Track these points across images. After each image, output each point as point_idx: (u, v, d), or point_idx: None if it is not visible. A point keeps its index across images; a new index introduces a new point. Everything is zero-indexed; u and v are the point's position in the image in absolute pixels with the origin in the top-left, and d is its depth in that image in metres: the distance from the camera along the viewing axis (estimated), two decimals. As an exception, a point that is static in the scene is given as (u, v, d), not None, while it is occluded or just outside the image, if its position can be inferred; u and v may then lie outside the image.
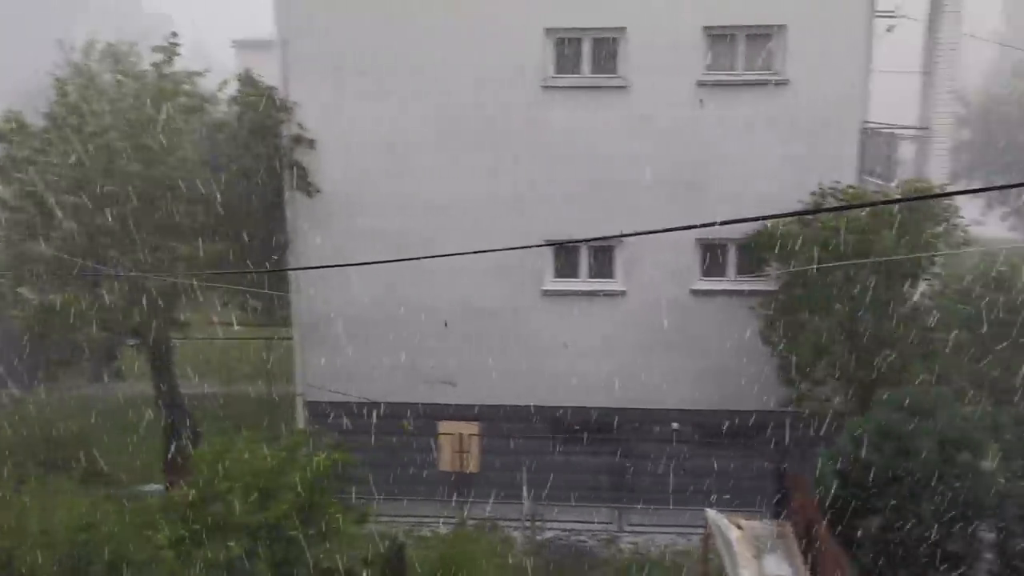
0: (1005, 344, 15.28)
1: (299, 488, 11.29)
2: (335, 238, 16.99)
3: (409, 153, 16.79)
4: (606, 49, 16.38)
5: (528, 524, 16.82)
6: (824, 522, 11.89)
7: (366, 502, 13.77)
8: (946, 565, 11.56)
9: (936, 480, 11.53)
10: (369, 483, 15.43)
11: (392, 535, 14.38)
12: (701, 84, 16.08)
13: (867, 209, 13.91)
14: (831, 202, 14.69)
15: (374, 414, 17.29)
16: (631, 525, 17.36)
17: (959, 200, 15.35)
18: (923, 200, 14.07)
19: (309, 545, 11.20)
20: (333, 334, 17.42)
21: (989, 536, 12.15)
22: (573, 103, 16.48)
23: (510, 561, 14.63)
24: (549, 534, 16.99)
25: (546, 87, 16.43)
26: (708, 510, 13.74)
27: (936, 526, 11.41)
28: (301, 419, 18.01)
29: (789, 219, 14.94)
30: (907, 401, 12.23)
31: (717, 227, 8.42)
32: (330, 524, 11.60)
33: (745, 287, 16.63)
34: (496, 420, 17.64)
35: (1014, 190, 34.99)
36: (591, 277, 17.26)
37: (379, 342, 17.39)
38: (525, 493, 17.08)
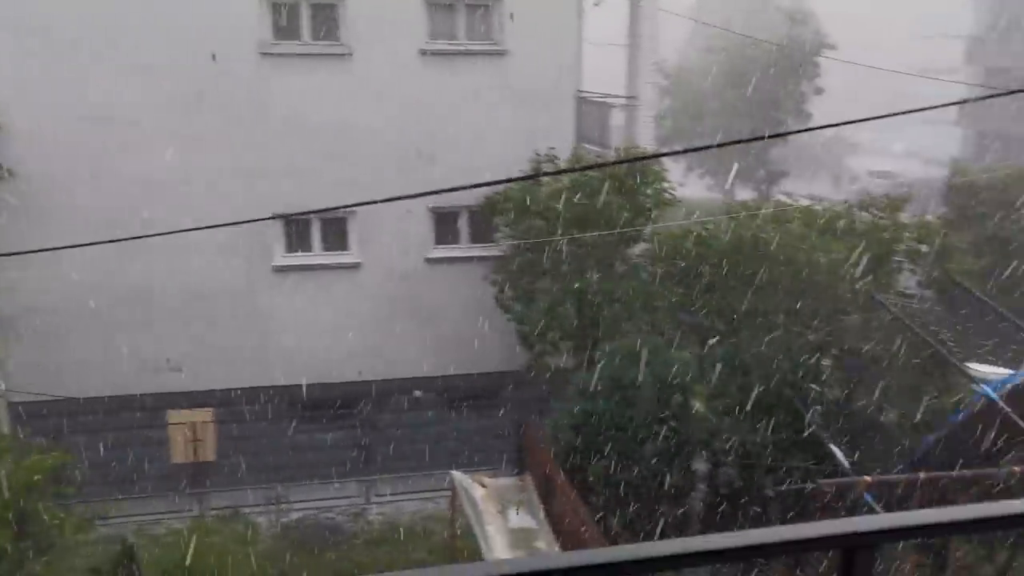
0: (710, 294, 16.89)
1: (5, 498, 10.15)
2: (39, 224, 15.27)
3: (124, 128, 15.40)
4: (326, 16, 15.96)
5: (273, 508, 16.32)
6: (560, 472, 12.58)
7: (91, 505, 12.67)
8: (667, 498, 12.68)
9: (656, 422, 12.57)
10: (94, 484, 14.21)
11: (122, 537, 13.35)
12: (424, 53, 16.15)
13: (593, 174, 14.74)
14: (549, 168, 15.40)
15: (98, 410, 15.91)
16: (379, 496, 17.39)
17: (665, 164, 16.69)
18: (636, 162, 15.11)
19: (24, 561, 10.12)
20: (44, 326, 15.74)
21: (703, 468, 13.48)
22: (295, 71, 15.93)
23: (253, 549, 14.11)
24: (296, 515, 16.60)
25: (265, 54, 15.74)
26: (453, 472, 14.06)
27: (657, 464, 12.47)
28: (4, 422, 16.16)
29: (517, 185, 15.49)
30: (628, 352, 13.18)
31: (449, 195, 8.50)
32: (48, 534, 10.55)
33: (480, 253, 17.07)
34: (233, 405, 16.87)
35: (709, 155, 38.66)
36: (325, 250, 16.90)
37: (98, 331, 15.96)
38: (267, 478, 16.55)
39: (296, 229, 16.73)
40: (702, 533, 12.47)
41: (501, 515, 12.94)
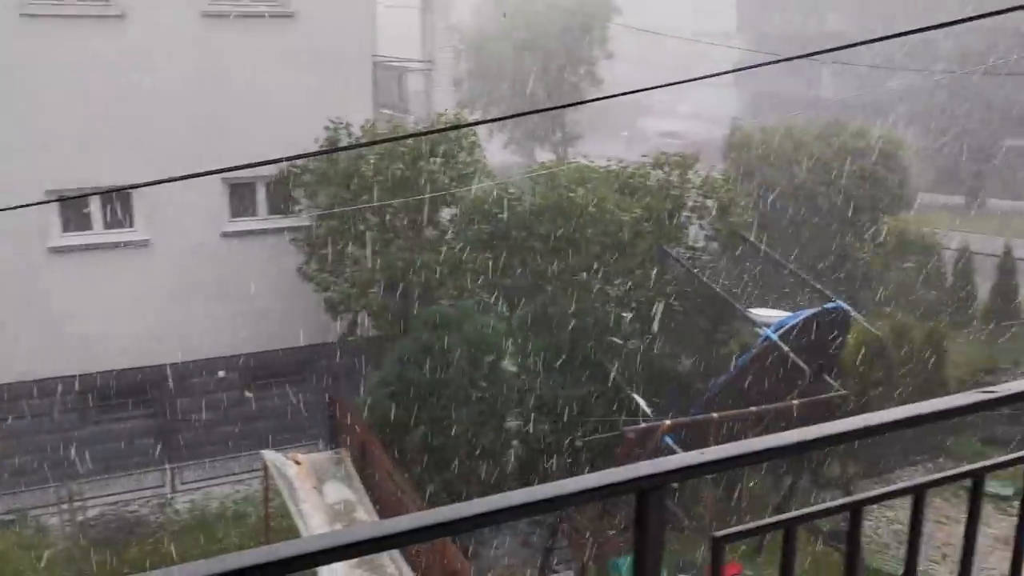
0: (518, 256, 17.19)
1: None
2: None
3: None
4: (94, -27, 14.73)
5: (65, 507, 15.20)
6: (377, 443, 12.50)
7: None
8: (483, 458, 12.90)
9: (469, 385, 12.72)
10: None
11: None
12: (207, 15, 15.27)
13: (407, 141, 14.51)
14: (344, 136, 15.07)
15: None
16: (185, 484, 16.59)
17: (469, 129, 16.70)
18: (449, 130, 15.02)
19: None
20: None
21: (516, 426, 13.80)
22: (64, 34, 14.61)
23: (44, 552, 13.13)
24: (94, 512, 15.55)
25: (26, 15, 14.32)
26: (264, 452, 13.63)
27: (471, 427, 12.64)
28: None
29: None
30: (439, 318, 13.21)
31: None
32: None
33: (282, 225, 16.48)
34: (13, 400, 15.49)
35: (509, 120, 39.26)
36: (108, 228, 15.74)
37: None
38: (59, 475, 15.37)
39: (73, 207, 15.46)
40: (518, 488, 12.80)
41: (317, 491, 12.70)
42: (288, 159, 13.87)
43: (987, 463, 1.97)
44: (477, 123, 13.06)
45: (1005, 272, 22.02)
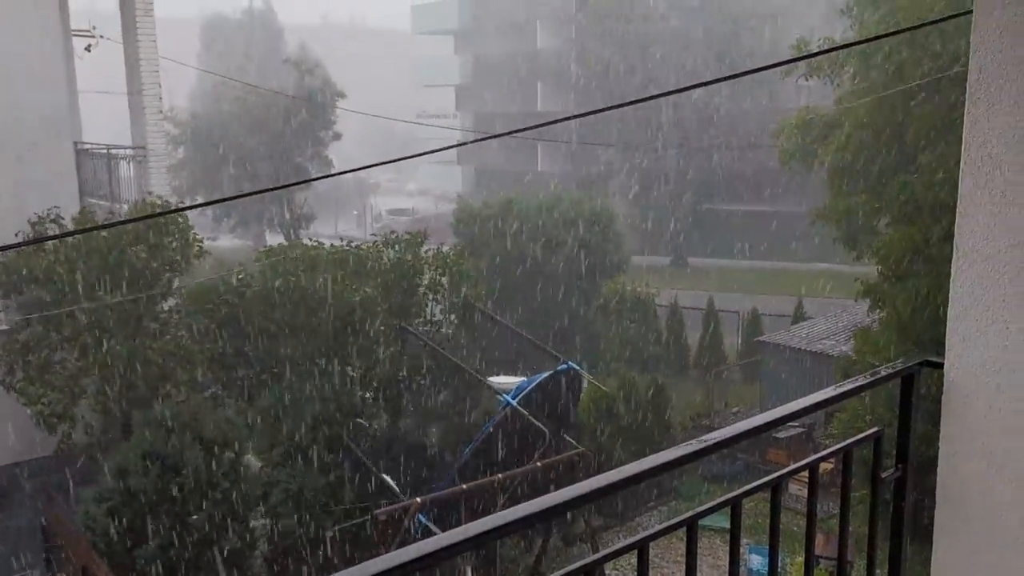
0: (250, 344, 16.50)
1: None
2: None
3: None
4: None
5: None
6: (102, 564, 11.30)
7: None
8: (229, 563, 12.07)
9: (206, 486, 11.90)
10: None
11: None
12: None
13: (107, 230, 13.53)
14: (52, 228, 13.90)
15: None
16: None
17: (191, 217, 15.96)
18: (158, 217, 14.24)
19: None
20: None
21: (261, 523, 13.07)
22: None
23: None
24: None
25: None
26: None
27: (212, 531, 11.81)
28: None
29: (11, 252, 13.65)
30: (165, 418, 12.31)
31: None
32: None
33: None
34: None
35: (237, 204, 38.15)
36: None
37: None
38: None
39: None
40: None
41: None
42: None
43: (699, 509, 2.22)
44: (191, 207, 12.53)
45: (710, 322, 24.39)
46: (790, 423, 12.53)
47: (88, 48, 15.86)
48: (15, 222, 13.77)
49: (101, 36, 16.34)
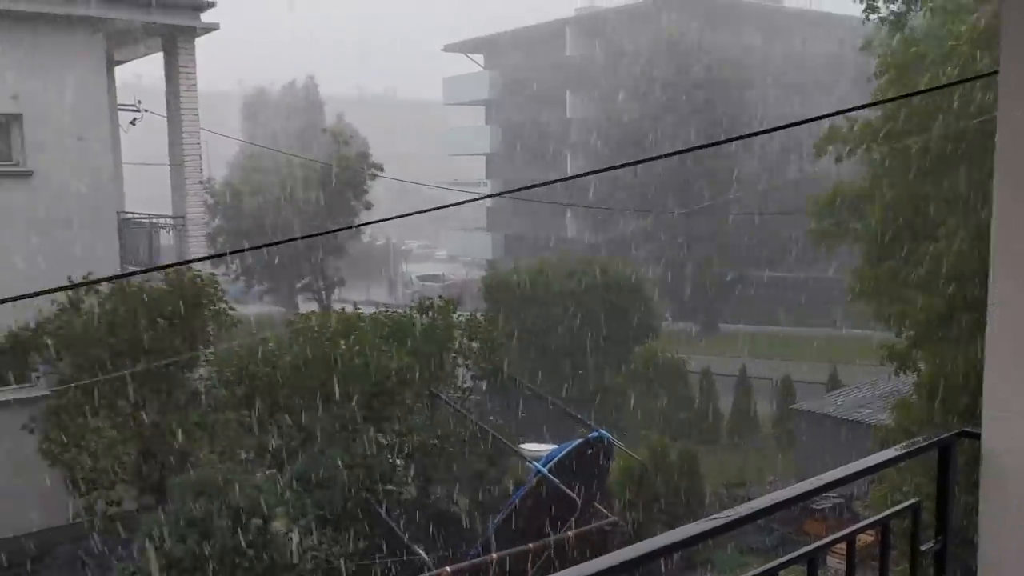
0: (284, 412, 16.58)
1: None
2: None
3: None
4: None
5: None
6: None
7: None
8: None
9: (235, 554, 11.87)
10: None
11: None
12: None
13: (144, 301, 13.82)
14: (93, 297, 14.22)
15: None
16: None
17: (223, 283, 16.26)
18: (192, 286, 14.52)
19: None
20: None
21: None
22: None
23: None
24: None
25: None
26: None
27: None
28: None
29: (58, 318, 13.98)
30: (197, 486, 12.36)
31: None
32: None
33: (13, 397, 14.94)
34: None
35: (269, 270, 38.77)
36: None
37: None
38: None
39: None
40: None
41: None
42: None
43: None
44: (219, 255, 12.81)
45: (742, 389, 24.13)
46: (827, 493, 12.35)
47: (133, 122, 16.42)
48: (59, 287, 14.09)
49: (146, 110, 16.91)
